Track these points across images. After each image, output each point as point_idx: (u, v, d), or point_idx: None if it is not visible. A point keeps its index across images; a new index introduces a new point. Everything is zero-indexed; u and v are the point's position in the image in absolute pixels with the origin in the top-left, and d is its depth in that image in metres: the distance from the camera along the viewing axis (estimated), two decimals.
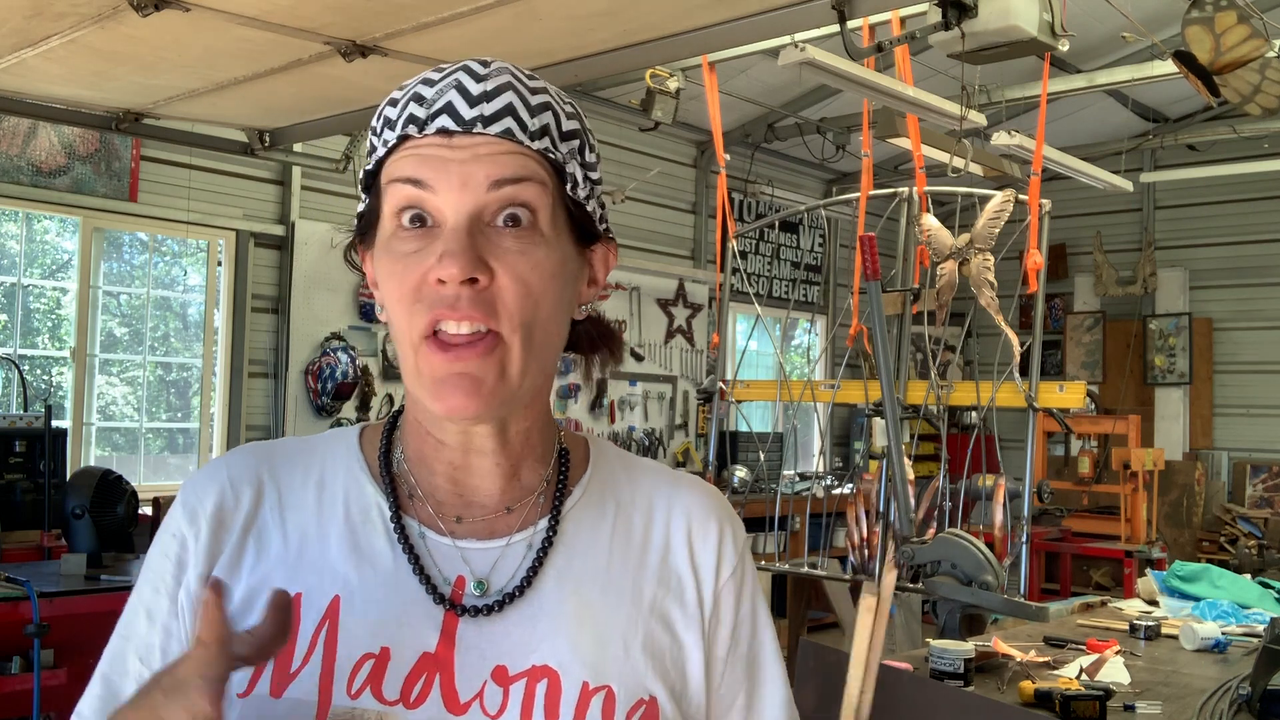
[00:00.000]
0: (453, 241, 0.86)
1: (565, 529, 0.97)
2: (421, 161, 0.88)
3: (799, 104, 8.55)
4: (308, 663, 0.89)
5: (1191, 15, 3.69)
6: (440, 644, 0.90)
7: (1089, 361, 10.36)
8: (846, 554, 4.82)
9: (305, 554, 0.94)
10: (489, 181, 0.87)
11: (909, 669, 2.59)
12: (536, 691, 0.89)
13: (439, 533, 0.95)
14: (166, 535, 0.96)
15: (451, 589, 0.93)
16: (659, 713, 0.93)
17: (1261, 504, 9.36)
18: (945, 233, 4.56)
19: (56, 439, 4.72)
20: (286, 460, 1.00)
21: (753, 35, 3.52)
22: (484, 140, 0.88)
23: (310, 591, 0.92)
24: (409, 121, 0.90)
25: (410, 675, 0.89)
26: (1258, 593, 3.53)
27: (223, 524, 0.95)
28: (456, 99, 0.89)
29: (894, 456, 4.32)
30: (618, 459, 1.05)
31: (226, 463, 0.99)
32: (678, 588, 0.98)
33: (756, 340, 8.86)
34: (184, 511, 0.96)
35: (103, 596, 3.57)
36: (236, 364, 6.49)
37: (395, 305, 0.89)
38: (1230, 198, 9.71)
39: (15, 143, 5.64)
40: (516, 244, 0.88)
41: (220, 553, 0.94)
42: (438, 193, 0.88)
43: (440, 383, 0.88)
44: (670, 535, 1.00)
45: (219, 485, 0.97)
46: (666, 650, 0.96)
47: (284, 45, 3.66)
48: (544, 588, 0.94)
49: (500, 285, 0.87)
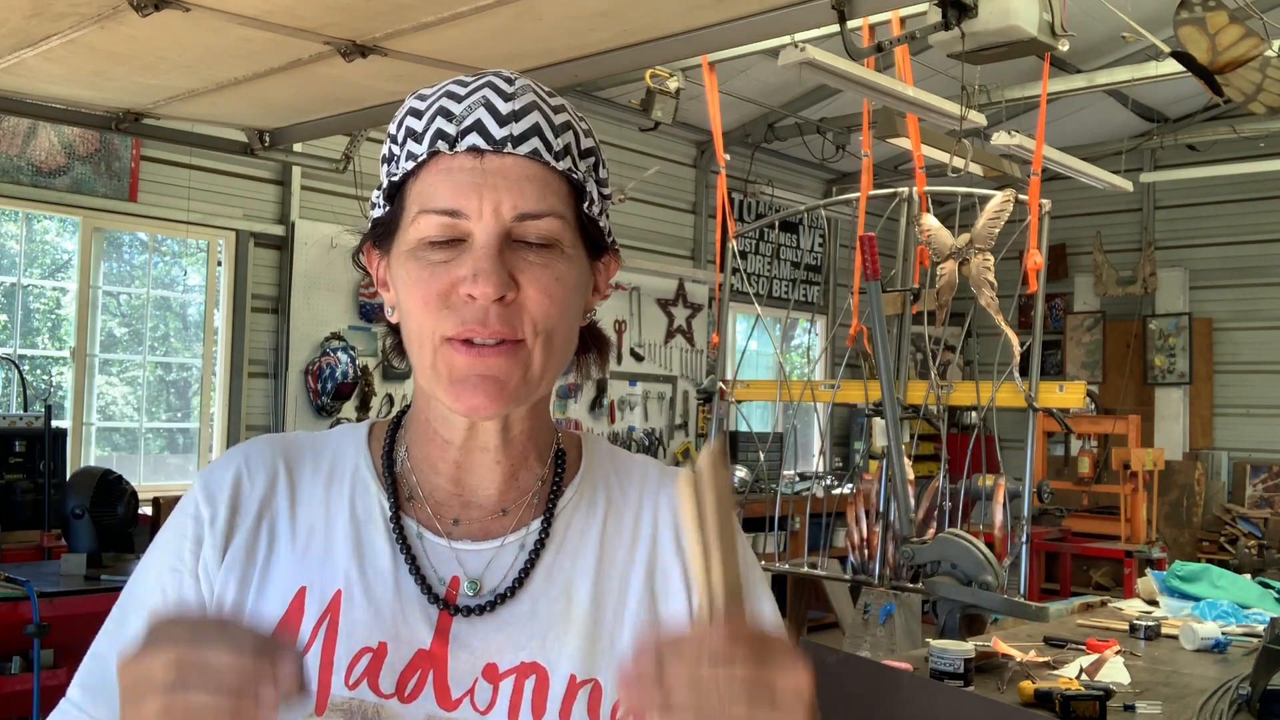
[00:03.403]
0: (484, 260, 0.89)
1: (557, 529, 1.00)
2: (455, 189, 0.91)
3: (799, 104, 8.55)
4: (308, 654, 0.92)
5: (1182, 16, 3.71)
6: (434, 641, 0.94)
7: (1089, 361, 10.36)
8: (846, 554, 4.82)
9: (312, 548, 0.97)
10: (515, 213, 0.91)
11: (909, 669, 2.59)
12: (524, 688, 0.93)
13: (436, 534, 0.98)
14: (184, 516, 0.99)
15: (446, 589, 0.96)
16: None
17: (1261, 504, 9.36)
18: (945, 233, 4.56)
19: (56, 439, 4.72)
20: (300, 453, 1.03)
21: (753, 35, 3.52)
22: (514, 161, 0.92)
23: (314, 585, 0.95)
24: (438, 137, 0.92)
25: (406, 670, 0.92)
26: (1258, 593, 3.53)
27: (239, 508, 0.98)
28: (486, 117, 0.92)
29: (894, 456, 4.33)
30: (609, 456, 1.08)
31: (245, 451, 1.02)
32: (665, 579, 1.01)
33: (756, 340, 8.86)
34: (203, 494, 0.99)
35: (103, 596, 3.57)
36: (236, 364, 6.49)
37: (419, 308, 0.92)
38: (1230, 198, 9.71)
39: (15, 143, 5.64)
40: (540, 258, 0.92)
41: (234, 535, 0.97)
42: (470, 219, 0.91)
43: (461, 382, 0.91)
44: (658, 527, 1.03)
45: (236, 471, 1.00)
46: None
47: (284, 45, 3.66)
48: (534, 587, 0.97)
49: (526, 297, 0.91)
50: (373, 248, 1.00)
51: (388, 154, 0.97)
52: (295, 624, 0.93)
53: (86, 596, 3.55)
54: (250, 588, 0.95)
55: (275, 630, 0.79)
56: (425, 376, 0.94)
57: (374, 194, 1.00)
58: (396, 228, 0.95)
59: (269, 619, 0.93)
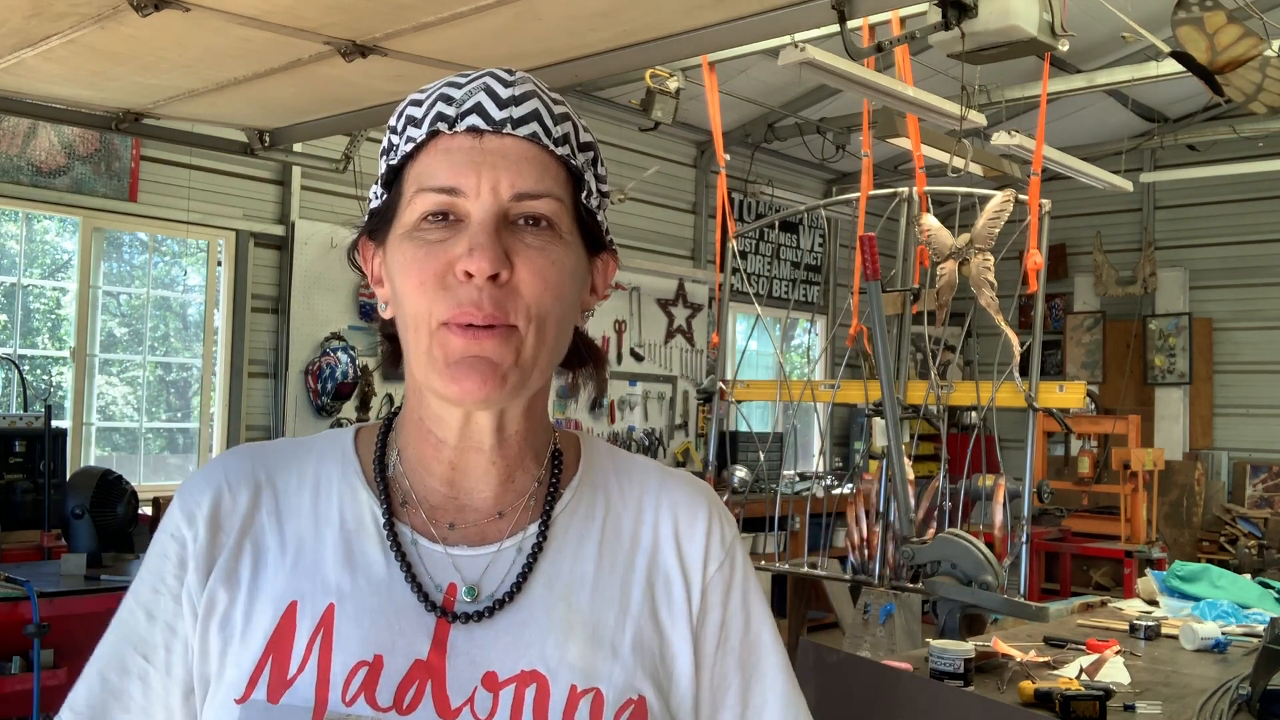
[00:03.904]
0: (481, 235, 0.89)
1: (555, 533, 0.98)
2: (453, 167, 0.91)
3: (799, 104, 8.54)
4: (304, 670, 0.90)
5: (1179, 16, 3.71)
6: (432, 651, 0.92)
7: (1089, 361, 10.35)
8: (846, 554, 4.82)
9: (301, 561, 0.95)
10: (513, 192, 0.91)
11: (909, 669, 2.59)
12: (525, 696, 0.91)
13: (431, 540, 0.96)
14: (165, 536, 0.97)
15: (443, 596, 0.94)
16: (647, 712, 0.94)
17: (1261, 504, 9.36)
18: (945, 233, 4.56)
19: (56, 439, 4.71)
20: (282, 463, 1.00)
21: (753, 35, 3.52)
22: (513, 142, 0.92)
23: (305, 599, 0.93)
24: (438, 119, 0.92)
25: (403, 682, 0.90)
26: (1258, 593, 3.52)
27: (220, 526, 0.96)
28: (485, 100, 0.92)
29: (894, 456, 4.33)
30: (608, 458, 1.06)
31: (223, 465, 1.00)
32: (665, 586, 0.99)
33: (756, 340, 8.86)
34: (182, 514, 0.97)
35: (103, 596, 3.57)
36: (236, 364, 6.49)
37: (415, 290, 0.91)
38: (1230, 198, 9.71)
39: (15, 143, 5.64)
40: (537, 240, 0.92)
41: (218, 555, 0.95)
42: (467, 198, 0.90)
43: (456, 364, 0.90)
44: (659, 533, 1.01)
45: (215, 488, 0.98)
46: (655, 649, 0.97)
47: (284, 45, 3.66)
48: (533, 593, 0.95)
49: (520, 278, 0.90)
50: (368, 242, 0.99)
51: (387, 146, 0.97)
52: (288, 639, 0.91)
53: (86, 596, 3.55)
54: (238, 605, 0.93)
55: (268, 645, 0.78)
56: (420, 364, 0.93)
57: (371, 189, 0.99)
58: (394, 215, 0.95)
59: (260, 635, 0.92)
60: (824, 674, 2.61)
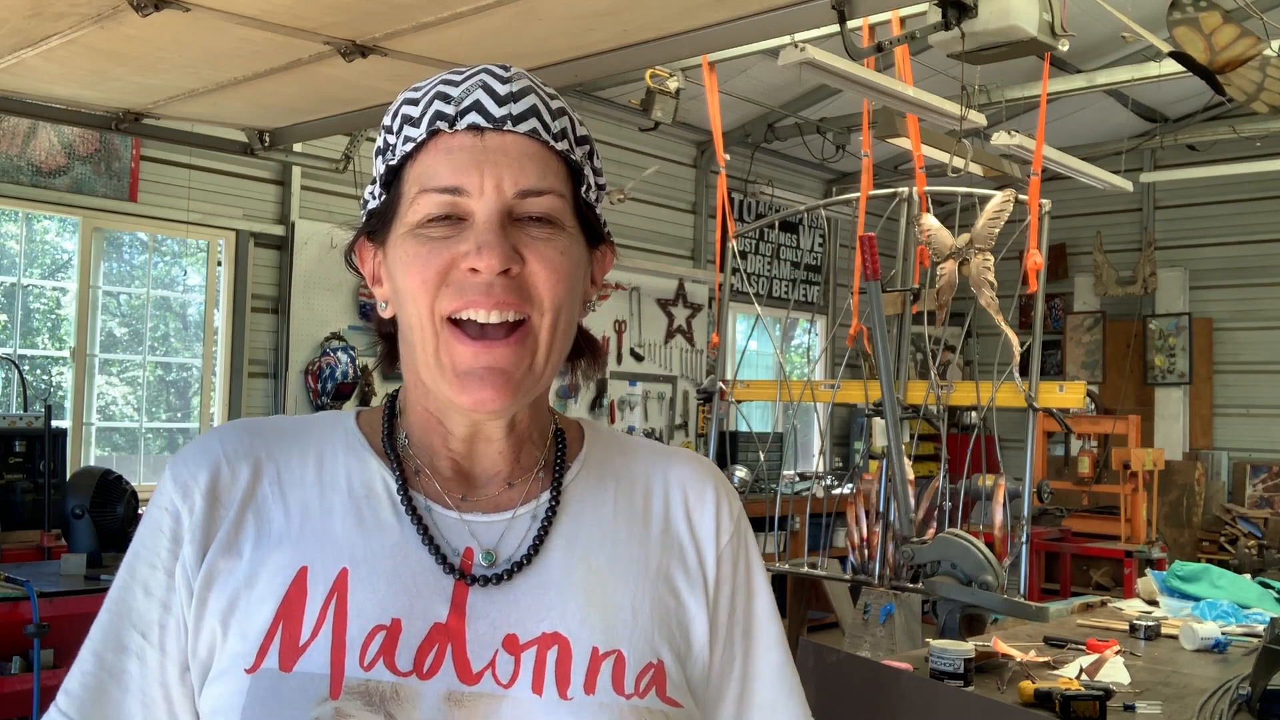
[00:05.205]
0: (487, 234, 0.89)
1: (568, 500, 0.99)
2: (456, 166, 0.90)
3: (799, 104, 8.54)
4: (317, 635, 0.88)
5: (1174, 17, 3.71)
6: (451, 614, 0.91)
7: (1089, 361, 10.35)
8: (846, 554, 4.82)
9: (308, 528, 0.94)
10: (517, 189, 0.91)
11: (909, 669, 2.59)
12: (547, 659, 0.90)
13: (445, 506, 0.96)
14: (158, 510, 0.95)
15: (460, 560, 0.93)
16: (666, 676, 0.94)
17: (1261, 504, 9.35)
18: (945, 233, 4.56)
19: (56, 439, 4.72)
20: (281, 437, 0.99)
21: (753, 35, 3.52)
22: (514, 139, 0.91)
23: (316, 564, 0.91)
24: (437, 118, 0.92)
25: (422, 646, 0.89)
26: (1258, 593, 3.52)
27: (218, 500, 0.94)
28: (484, 97, 0.92)
29: (894, 456, 4.32)
30: (612, 438, 1.07)
31: (220, 438, 0.98)
32: (680, 554, 1.00)
33: (756, 340, 8.86)
34: (175, 486, 0.95)
35: (103, 596, 3.56)
36: (236, 364, 6.49)
37: (417, 289, 0.90)
38: (1230, 198, 9.71)
39: (15, 143, 5.64)
40: (544, 233, 0.92)
41: (217, 528, 0.94)
42: (471, 196, 0.90)
43: (467, 375, 0.90)
44: (669, 506, 1.02)
45: (213, 460, 0.96)
46: (673, 614, 0.98)
47: (284, 45, 3.66)
48: (552, 556, 0.95)
49: (531, 270, 0.90)
50: (367, 242, 0.98)
51: (382, 145, 0.96)
52: (299, 606, 0.89)
53: (86, 596, 3.55)
54: (240, 575, 0.91)
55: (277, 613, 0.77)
56: (428, 369, 0.92)
57: (367, 189, 0.98)
58: (394, 215, 0.94)
59: (269, 604, 0.90)
60: (824, 674, 2.61)
